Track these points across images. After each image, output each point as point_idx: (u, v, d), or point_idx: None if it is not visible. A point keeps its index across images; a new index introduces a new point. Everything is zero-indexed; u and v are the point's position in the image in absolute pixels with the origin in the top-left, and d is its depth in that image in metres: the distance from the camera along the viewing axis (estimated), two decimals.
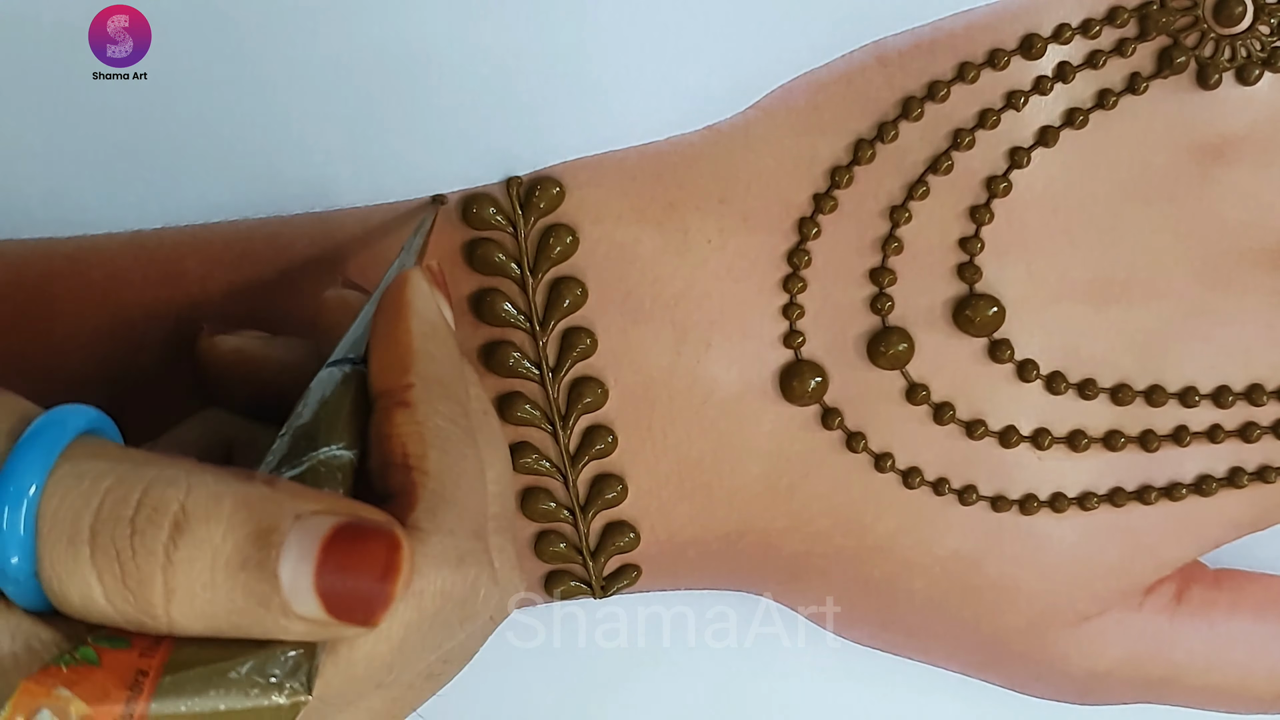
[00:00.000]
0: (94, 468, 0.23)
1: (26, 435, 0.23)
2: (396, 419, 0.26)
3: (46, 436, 0.23)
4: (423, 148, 0.34)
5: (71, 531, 0.23)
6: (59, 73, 0.33)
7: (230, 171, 0.34)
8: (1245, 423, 0.35)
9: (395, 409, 0.26)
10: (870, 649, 0.38)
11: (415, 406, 0.26)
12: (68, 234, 0.34)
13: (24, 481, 0.23)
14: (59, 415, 0.24)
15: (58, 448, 0.23)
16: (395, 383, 0.27)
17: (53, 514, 0.23)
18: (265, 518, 0.23)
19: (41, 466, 0.23)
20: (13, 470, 0.23)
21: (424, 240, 0.31)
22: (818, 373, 0.34)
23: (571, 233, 0.34)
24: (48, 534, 0.23)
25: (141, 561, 0.23)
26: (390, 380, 0.27)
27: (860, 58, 0.34)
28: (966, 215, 0.34)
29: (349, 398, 0.27)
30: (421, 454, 0.26)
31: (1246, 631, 0.36)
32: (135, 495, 0.23)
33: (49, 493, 0.23)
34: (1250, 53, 0.33)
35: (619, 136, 0.34)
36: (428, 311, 0.28)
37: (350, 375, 0.27)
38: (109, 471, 0.23)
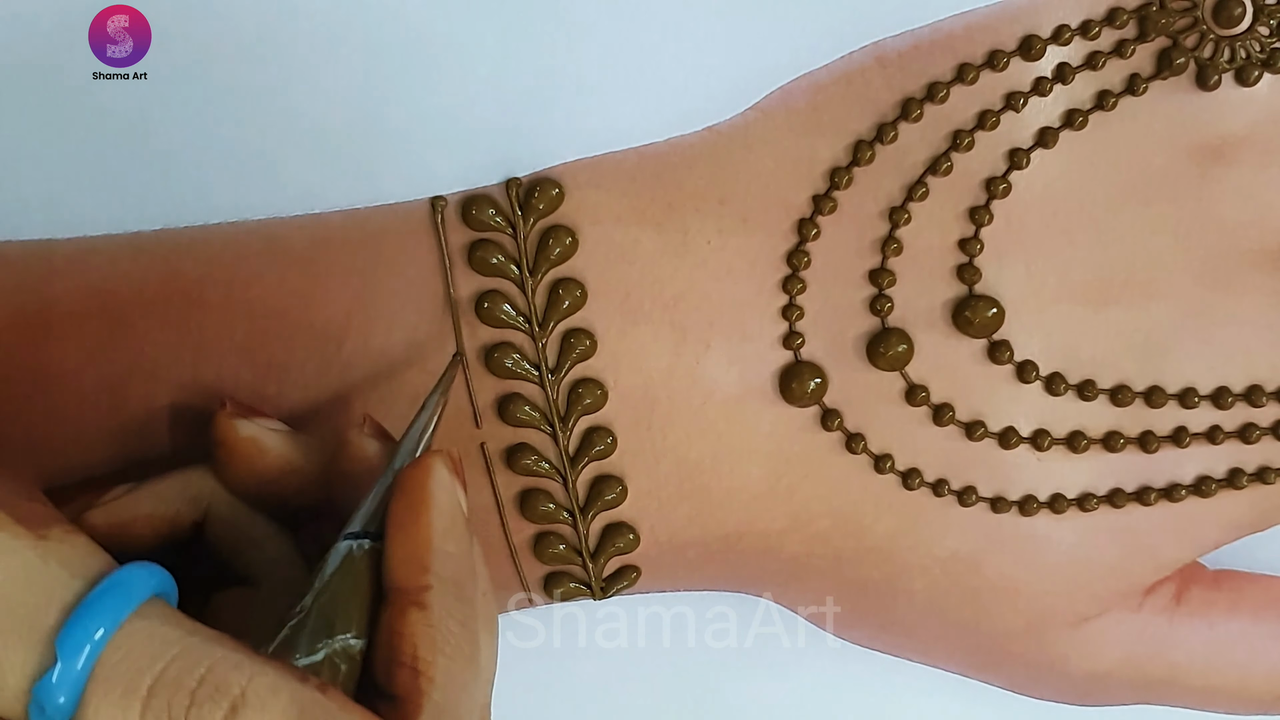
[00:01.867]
0: (165, 632, 0.24)
1: (105, 584, 0.24)
2: (410, 619, 0.27)
3: (123, 590, 0.24)
4: (422, 148, 0.34)
5: (128, 685, 0.23)
6: (59, 73, 0.33)
7: (229, 172, 0.34)
8: (1244, 424, 0.35)
9: (410, 608, 0.27)
10: (870, 649, 0.38)
11: (430, 609, 0.27)
12: (67, 234, 0.34)
13: (93, 625, 0.24)
14: (137, 571, 0.25)
15: (133, 603, 0.24)
16: (413, 582, 0.27)
17: (114, 664, 0.24)
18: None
19: (114, 617, 0.24)
20: (86, 612, 0.24)
21: (443, 397, 0.31)
22: (817, 374, 0.34)
23: (571, 234, 0.33)
24: (102, 681, 0.23)
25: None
26: (408, 578, 0.27)
27: (860, 59, 0.34)
28: (966, 216, 0.34)
29: (365, 579, 0.28)
30: (430, 660, 0.26)
31: (1246, 632, 0.36)
32: (200, 670, 0.24)
33: (115, 643, 0.24)
34: (1249, 54, 0.33)
35: (618, 138, 0.34)
36: (448, 505, 0.28)
37: (368, 553, 0.28)
38: (178, 640, 0.24)
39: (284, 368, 0.33)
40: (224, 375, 0.33)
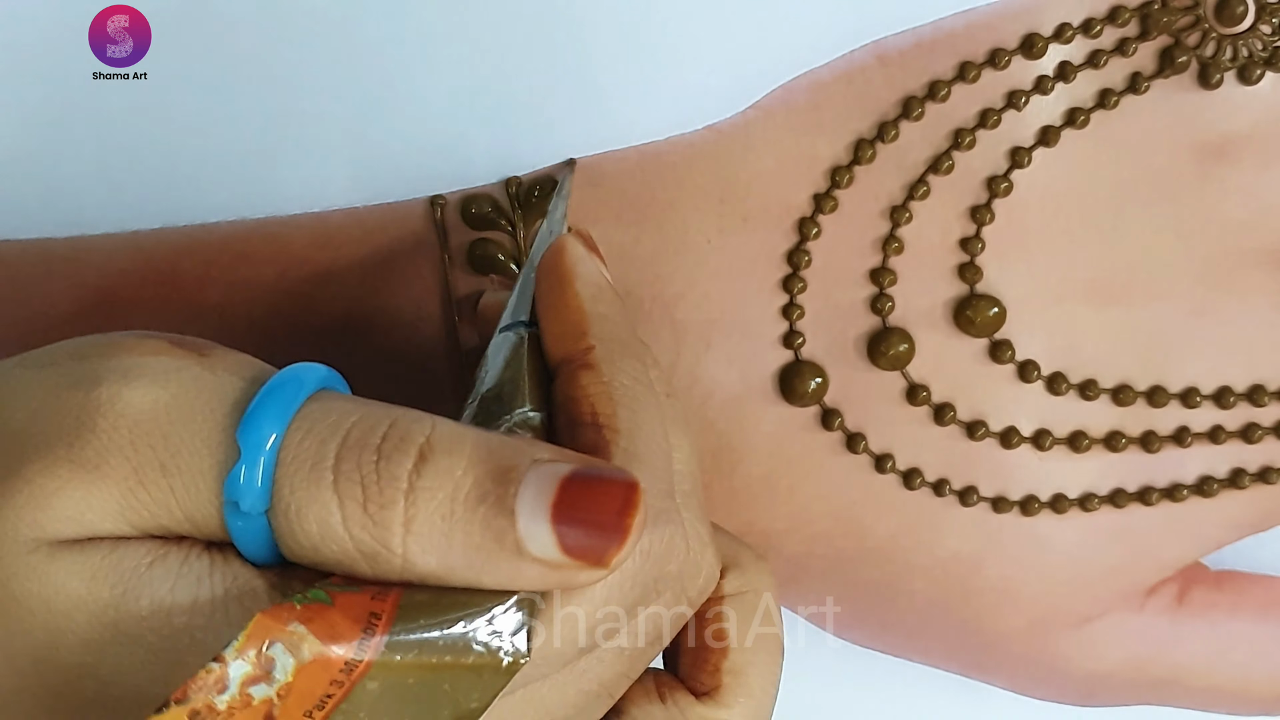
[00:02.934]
0: (342, 405, 0.24)
1: (276, 378, 0.24)
2: (582, 380, 0.27)
3: (293, 381, 0.24)
4: (422, 148, 0.34)
5: (316, 458, 0.24)
6: (59, 73, 0.33)
7: (229, 171, 0.34)
8: (1247, 424, 0.35)
9: (579, 371, 0.27)
10: (870, 649, 0.38)
11: (598, 367, 0.27)
12: (66, 234, 0.34)
13: (271, 413, 0.24)
14: (304, 367, 0.25)
15: (306, 391, 0.24)
16: (575, 347, 0.27)
17: (297, 443, 0.24)
18: (505, 458, 0.24)
19: (289, 403, 0.24)
20: (262, 403, 0.24)
21: (566, 204, 0.31)
22: (818, 373, 0.34)
23: None
24: (289, 464, 0.24)
25: (385, 485, 0.23)
26: (569, 346, 0.27)
27: (861, 57, 0.34)
28: (967, 215, 0.34)
29: (528, 361, 0.28)
30: (610, 412, 0.26)
31: (1248, 633, 0.36)
32: (383, 427, 0.24)
33: (295, 425, 0.24)
34: (1252, 52, 0.33)
35: (619, 136, 0.34)
36: (592, 275, 0.28)
37: (525, 339, 0.28)
38: (356, 409, 0.24)
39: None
40: None
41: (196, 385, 0.25)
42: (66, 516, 0.24)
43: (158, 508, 0.24)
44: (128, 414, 0.24)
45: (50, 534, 0.24)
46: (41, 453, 0.24)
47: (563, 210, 0.31)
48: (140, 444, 0.24)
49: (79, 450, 0.24)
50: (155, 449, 0.24)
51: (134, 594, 0.24)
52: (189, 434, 0.24)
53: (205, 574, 0.24)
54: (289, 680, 0.22)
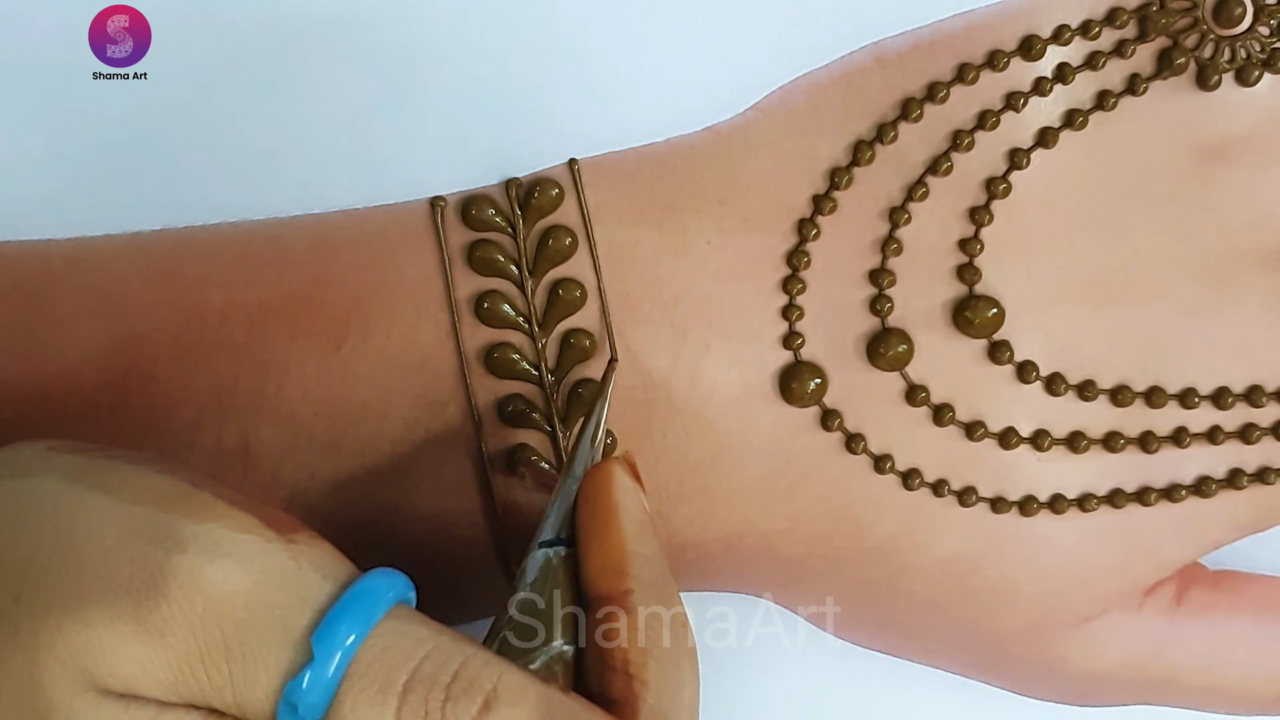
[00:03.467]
0: (417, 631, 0.25)
1: (357, 586, 0.25)
2: (617, 624, 0.27)
3: (373, 592, 0.25)
4: (422, 149, 0.34)
5: (385, 681, 0.24)
6: (59, 73, 0.33)
7: (229, 172, 0.34)
8: (1245, 424, 0.35)
9: (615, 614, 0.28)
10: (870, 649, 0.38)
11: (634, 613, 0.28)
12: (66, 235, 0.34)
13: (348, 624, 0.24)
14: (385, 575, 0.25)
15: (385, 605, 0.25)
16: (614, 588, 0.28)
17: (368, 661, 0.24)
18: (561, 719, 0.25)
19: (368, 617, 0.24)
20: (342, 613, 0.24)
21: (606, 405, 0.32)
22: (817, 374, 0.34)
23: (571, 234, 0.33)
24: (357, 678, 0.24)
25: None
26: (608, 585, 0.28)
27: (859, 59, 0.34)
28: (966, 216, 0.34)
29: (564, 586, 0.28)
30: (641, 664, 0.27)
31: (1246, 633, 0.36)
32: (455, 665, 0.24)
33: (369, 643, 0.24)
34: (1250, 54, 0.33)
35: (618, 137, 0.34)
36: (635, 510, 0.29)
37: (564, 560, 0.29)
38: (430, 639, 0.25)
39: (284, 367, 0.33)
40: (224, 375, 0.33)
41: (280, 576, 0.25)
42: (119, 674, 0.24)
43: (211, 689, 0.24)
44: (205, 590, 0.24)
45: (98, 682, 0.24)
46: (108, 600, 0.24)
47: (603, 413, 0.32)
48: (210, 624, 0.24)
49: (147, 612, 0.24)
50: (225, 631, 0.24)
51: None
52: (263, 626, 0.24)
53: None
54: None
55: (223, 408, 0.33)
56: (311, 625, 0.24)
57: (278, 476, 0.33)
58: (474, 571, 0.34)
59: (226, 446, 0.33)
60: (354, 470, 0.33)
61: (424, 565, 0.34)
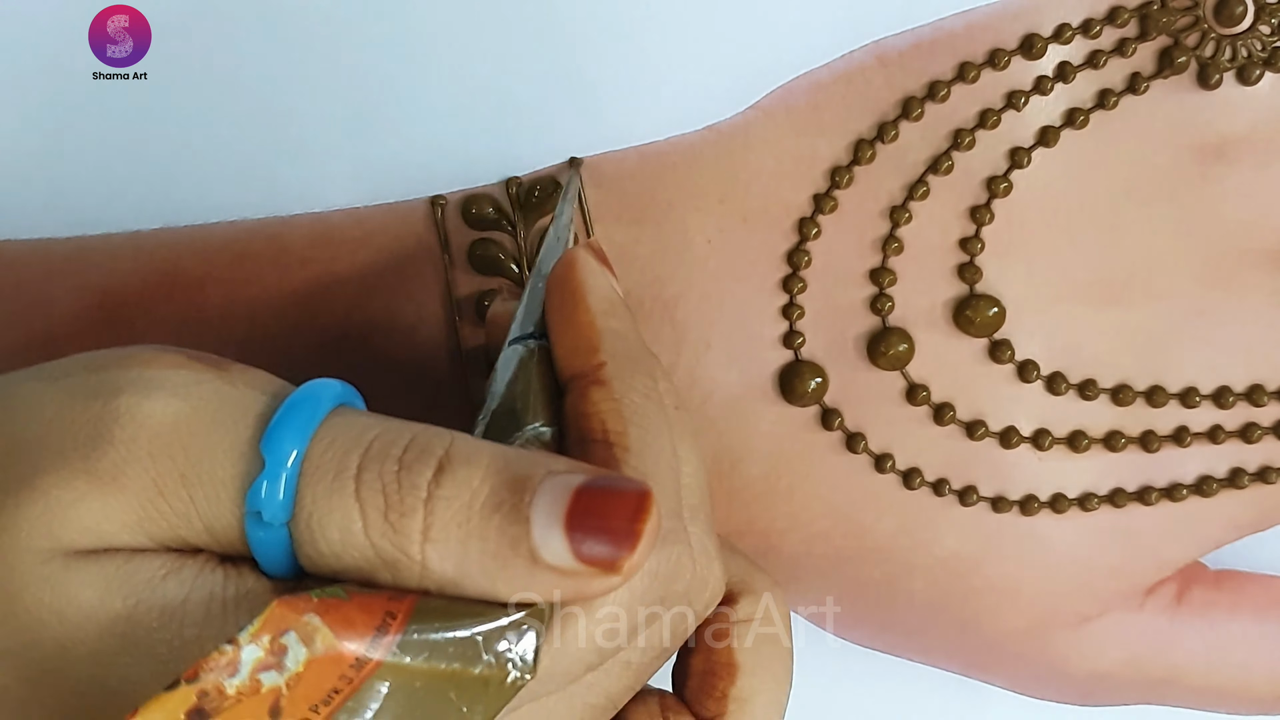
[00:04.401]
0: (363, 420, 0.25)
1: (299, 392, 0.25)
2: (593, 397, 0.27)
3: (315, 396, 0.25)
4: (422, 148, 0.34)
5: (339, 468, 0.24)
6: (59, 73, 0.33)
7: (229, 172, 0.34)
8: (1246, 423, 0.35)
9: (591, 388, 0.27)
10: (870, 649, 0.38)
11: (610, 384, 0.27)
12: (66, 234, 0.34)
13: (294, 424, 0.24)
14: (325, 382, 0.25)
15: (324, 408, 0.25)
16: (586, 363, 0.28)
17: (320, 454, 0.24)
18: (521, 469, 0.24)
19: (313, 415, 0.24)
20: (286, 415, 0.24)
21: (572, 206, 0.31)
22: (817, 373, 0.34)
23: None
24: (312, 474, 0.24)
25: (405, 494, 0.24)
26: (581, 362, 0.28)
27: (860, 58, 0.34)
28: (967, 215, 0.34)
29: (538, 374, 0.28)
30: (621, 430, 0.27)
31: (1247, 632, 0.36)
32: (404, 439, 0.24)
33: (318, 436, 0.24)
34: (1251, 53, 0.33)
35: (618, 136, 0.34)
36: (603, 289, 0.29)
37: (534, 352, 0.28)
38: (378, 423, 0.25)
39: (284, 368, 0.33)
40: None
41: (218, 398, 0.25)
42: (83, 527, 0.24)
43: (177, 519, 0.24)
44: (148, 425, 0.24)
45: (65, 544, 0.24)
46: (57, 464, 0.24)
47: (569, 214, 0.31)
48: (160, 455, 0.24)
49: (96, 461, 0.24)
50: (175, 460, 0.24)
51: (146, 605, 0.24)
52: (211, 445, 0.24)
53: (219, 586, 0.24)
54: (299, 670, 0.22)
55: None
56: (257, 434, 0.24)
57: None
58: None
59: None
60: None
61: None
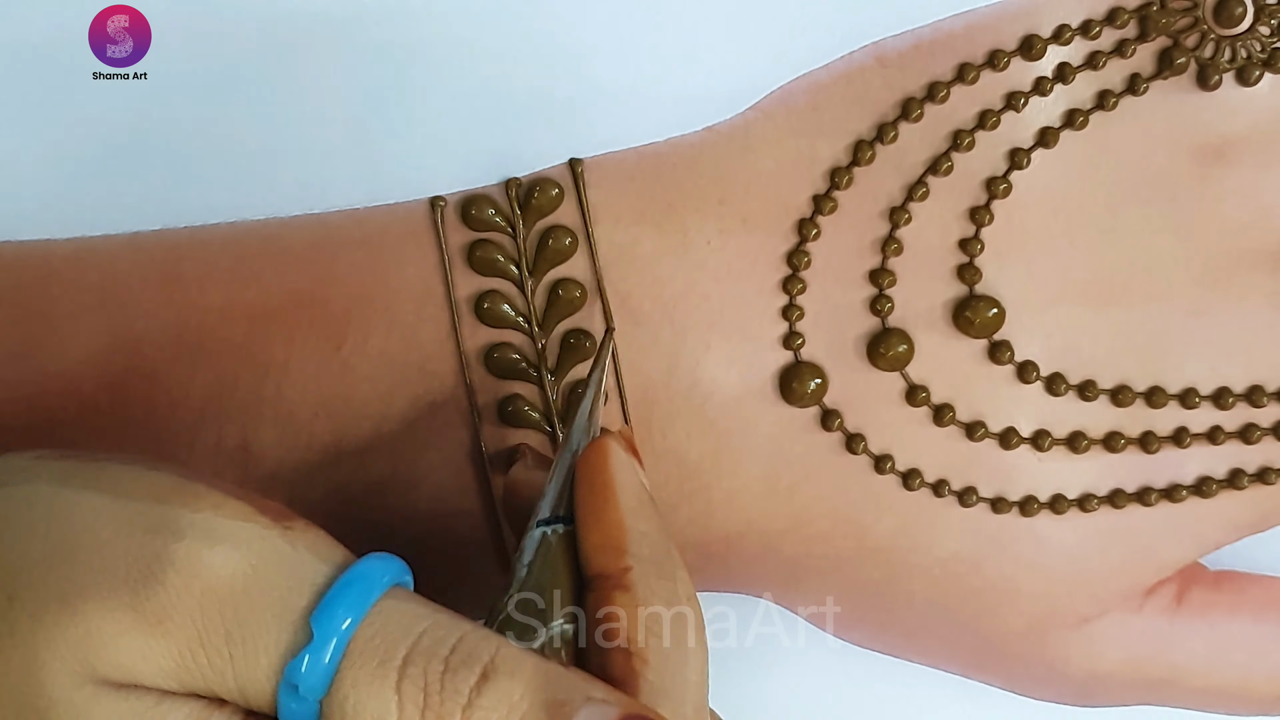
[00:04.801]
0: (415, 610, 0.25)
1: (355, 568, 0.25)
2: (617, 602, 0.27)
3: (371, 574, 0.25)
4: (421, 148, 0.34)
5: (384, 656, 0.24)
6: (59, 73, 0.33)
7: (229, 172, 0.34)
8: (1245, 424, 0.35)
9: (614, 592, 0.27)
10: (870, 650, 0.38)
11: (634, 590, 0.27)
12: (66, 234, 0.34)
13: (347, 604, 0.24)
14: (381, 559, 0.26)
15: (381, 586, 0.25)
16: (612, 566, 0.28)
17: (367, 639, 0.24)
18: (561, 691, 0.24)
19: (366, 597, 0.25)
20: (341, 592, 0.25)
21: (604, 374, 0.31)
22: (817, 374, 0.34)
23: (570, 234, 0.33)
24: (357, 655, 0.24)
25: (447, 697, 0.24)
26: (606, 563, 0.28)
27: (860, 59, 0.34)
28: (966, 216, 0.34)
29: (564, 565, 0.28)
30: (641, 642, 0.27)
31: (1247, 633, 0.36)
32: (453, 639, 0.25)
33: (368, 621, 0.24)
34: (1250, 54, 0.33)
35: (618, 138, 0.34)
36: (633, 485, 0.29)
37: (562, 537, 0.28)
38: (429, 616, 0.25)
39: (284, 367, 0.33)
40: (224, 375, 0.33)
41: (277, 560, 0.25)
42: (118, 663, 0.24)
43: (213, 674, 0.24)
44: (203, 576, 0.24)
45: (99, 674, 0.24)
46: (104, 592, 0.24)
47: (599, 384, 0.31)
48: (209, 609, 0.24)
49: (145, 600, 0.24)
50: (224, 617, 0.24)
51: None
52: (262, 609, 0.24)
53: None
54: None
55: (222, 408, 0.33)
56: (310, 606, 0.24)
57: (277, 476, 0.33)
58: (473, 569, 0.34)
59: (226, 446, 0.33)
60: (354, 470, 0.33)
61: (423, 563, 0.34)
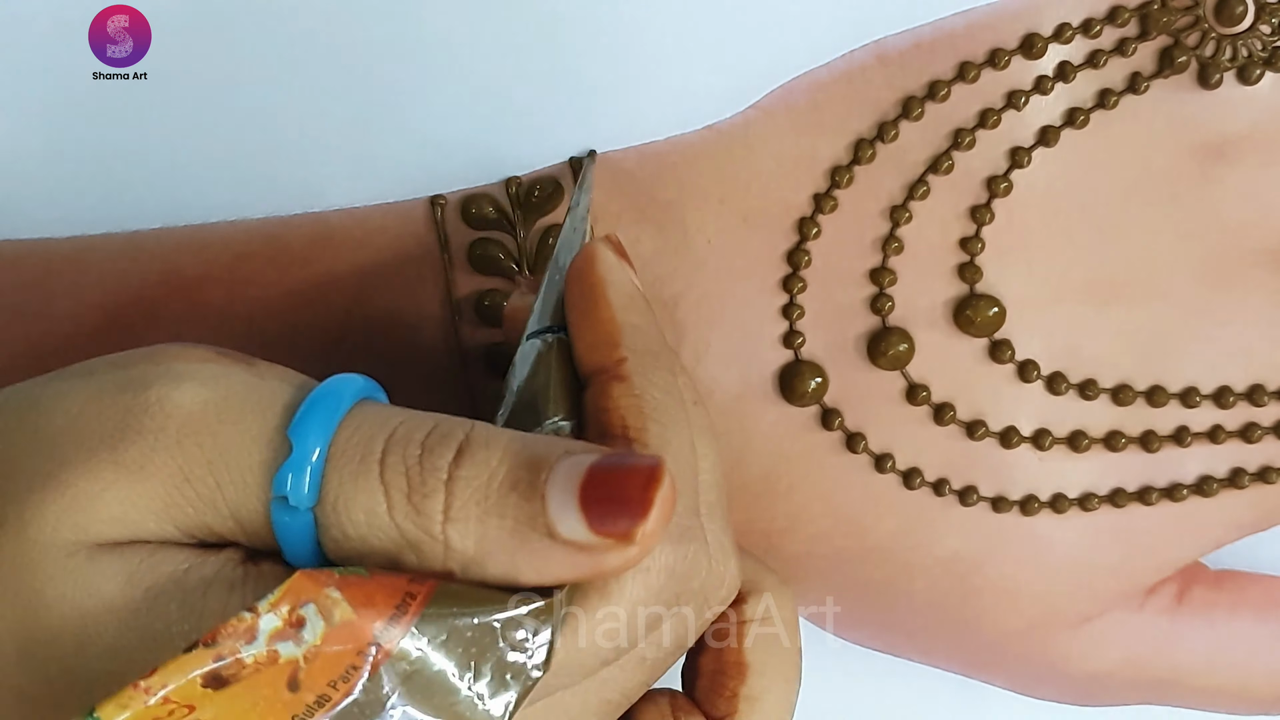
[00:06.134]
0: (387, 410, 0.26)
1: (326, 384, 0.25)
2: (613, 393, 0.27)
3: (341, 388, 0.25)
4: (422, 148, 0.34)
5: (364, 453, 0.24)
6: (59, 73, 0.33)
7: (229, 172, 0.34)
8: (1246, 423, 0.35)
9: (611, 383, 0.27)
10: (870, 649, 0.38)
11: (630, 379, 0.27)
12: (66, 234, 0.34)
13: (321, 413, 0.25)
14: (350, 376, 0.26)
15: (349, 399, 0.25)
16: (607, 359, 0.28)
17: (346, 440, 0.25)
18: (537, 450, 0.25)
19: (339, 405, 0.25)
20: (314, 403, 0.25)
21: (589, 196, 0.31)
22: (817, 373, 0.34)
23: None
24: (338, 459, 0.24)
25: (428, 475, 0.24)
26: (601, 357, 0.28)
27: (861, 57, 0.34)
28: (967, 215, 0.34)
29: (558, 368, 0.28)
30: (641, 426, 0.27)
31: (1247, 632, 0.36)
32: (427, 426, 0.25)
33: (345, 423, 0.25)
34: (1251, 52, 0.33)
35: (618, 136, 0.34)
36: (623, 284, 0.29)
37: (553, 345, 0.28)
38: (400, 413, 0.25)
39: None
40: None
41: (246, 387, 0.25)
42: (109, 517, 0.24)
43: (203, 504, 0.25)
44: (176, 414, 0.25)
45: (92, 536, 0.24)
46: (84, 456, 0.24)
47: (585, 203, 0.31)
48: (188, 442, 0.24)
49: (124, 451, 0.24)
50: (203, 447, 0.24)
51: (167, 597, 0.24)
52: (238, 431, 0.25)
53: (239, 582, 0.24)
54: (317, 643, 0.22)
55: None
56: (284, 422, 0.25)
57: None
58: None
59: None
60: None
61: None
